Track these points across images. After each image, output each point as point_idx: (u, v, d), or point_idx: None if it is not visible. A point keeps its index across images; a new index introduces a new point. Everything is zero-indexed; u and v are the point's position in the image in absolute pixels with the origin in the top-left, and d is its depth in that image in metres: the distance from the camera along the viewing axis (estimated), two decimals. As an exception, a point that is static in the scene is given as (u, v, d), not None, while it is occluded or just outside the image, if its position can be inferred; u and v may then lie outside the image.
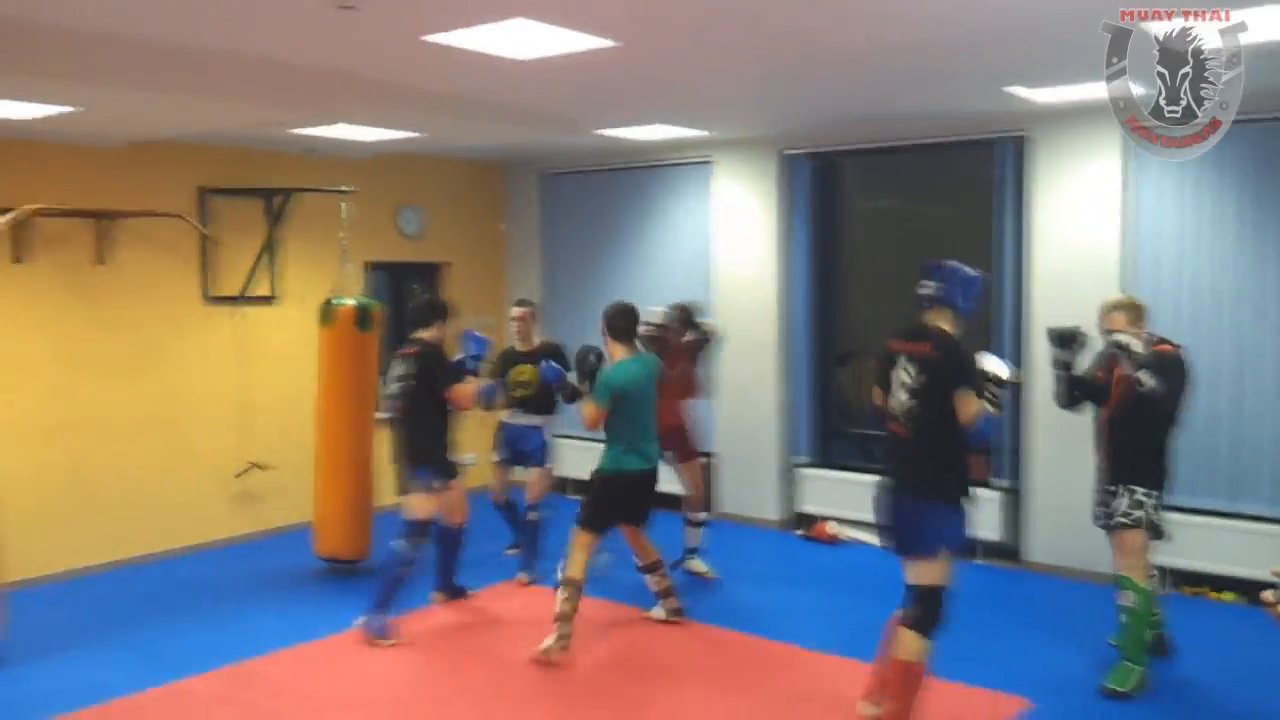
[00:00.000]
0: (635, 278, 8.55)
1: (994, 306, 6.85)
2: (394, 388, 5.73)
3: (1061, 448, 6.41)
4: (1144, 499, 4.74)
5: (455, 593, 6.19)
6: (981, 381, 4.01)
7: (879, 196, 8.19)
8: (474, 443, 7.36)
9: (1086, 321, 5.05)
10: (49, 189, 6.40)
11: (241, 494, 7.54)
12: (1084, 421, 5.28)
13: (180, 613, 6.02)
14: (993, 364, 4.10)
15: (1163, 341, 4.88)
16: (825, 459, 7.78)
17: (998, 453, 6.87)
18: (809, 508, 7.67)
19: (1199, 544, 6.00)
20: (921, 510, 4.11)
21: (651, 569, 5.71)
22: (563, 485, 8.87)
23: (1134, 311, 4.88)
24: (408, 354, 5.74)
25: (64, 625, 5.81)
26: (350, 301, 6.66)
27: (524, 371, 6.54)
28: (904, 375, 4.13)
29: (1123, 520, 4.78)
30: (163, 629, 5.75)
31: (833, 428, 7.94)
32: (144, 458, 7.02)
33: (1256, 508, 6.00)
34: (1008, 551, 6.88)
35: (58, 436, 6.58)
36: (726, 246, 7.99)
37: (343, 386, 6.66)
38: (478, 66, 4.81)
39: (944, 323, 4.17)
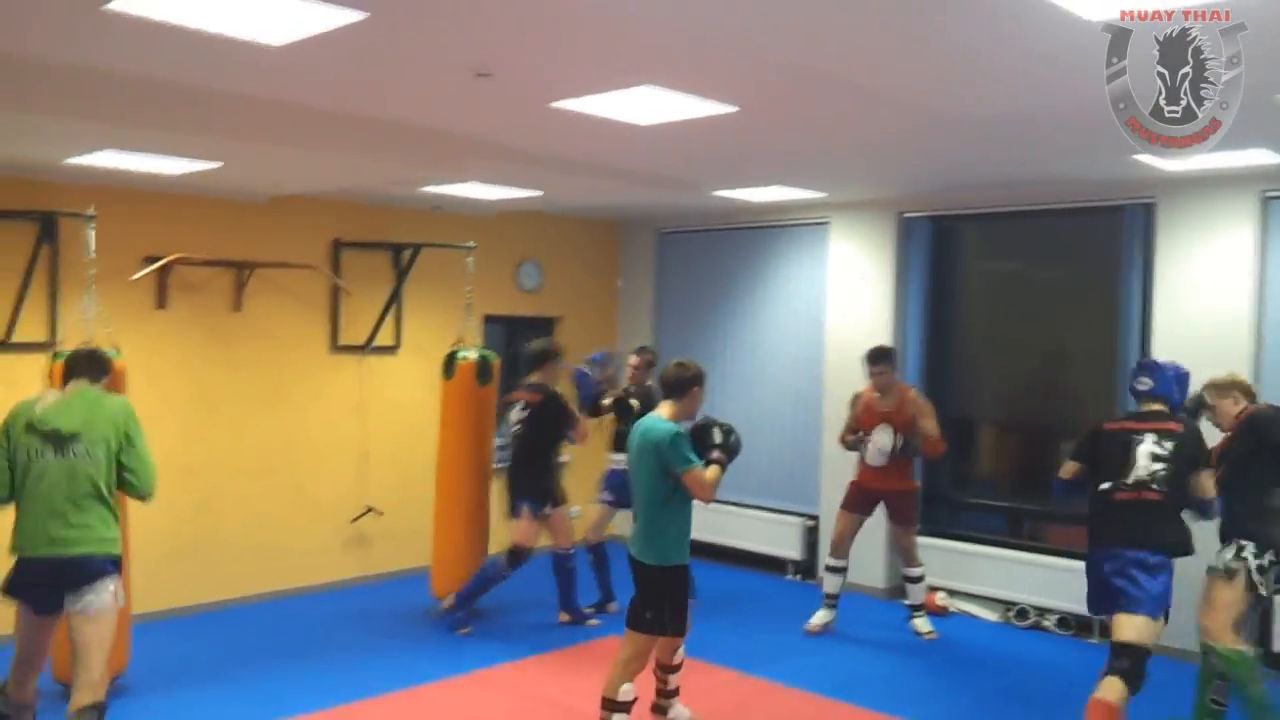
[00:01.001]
0: (747, 336, 8.57)
1: (1119, 376, 6.66)
2: (516, 428, 6.46)
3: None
4: (1250, 556, 4.70)
5: (578, 615, 6.74)
6: None
7: (998, 261, 8.08)
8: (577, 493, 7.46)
9: None
10: (191, 239, 6.76)
11: (355, 538, 7.74)
12: None
13: (292, 653, 6.18)
14: None
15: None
16: (935, 528, 7.62)
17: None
18: (919, 576, 7.50)
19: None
20: (1162, 567, 4.53)
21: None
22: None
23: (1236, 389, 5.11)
24: (530, 400, 6.51)
25: (183, 660, 6.01)
26: (473, 354, 6.89)
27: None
28: (1155, 448, 4.66)
29: (1215, 566, 4.78)
30: (274, 668, 5.91)
31: (943, 496, 7.78)
32: (266, 499, 7.27)
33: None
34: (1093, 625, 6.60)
35: (190, 475, 6.85)
36: (840, 308, 7.96)
37: (463, 435, 6.93)
38: (601, 131, 4.93)
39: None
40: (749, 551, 8.29)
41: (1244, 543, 4.73)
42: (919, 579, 6.65)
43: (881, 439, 6.49)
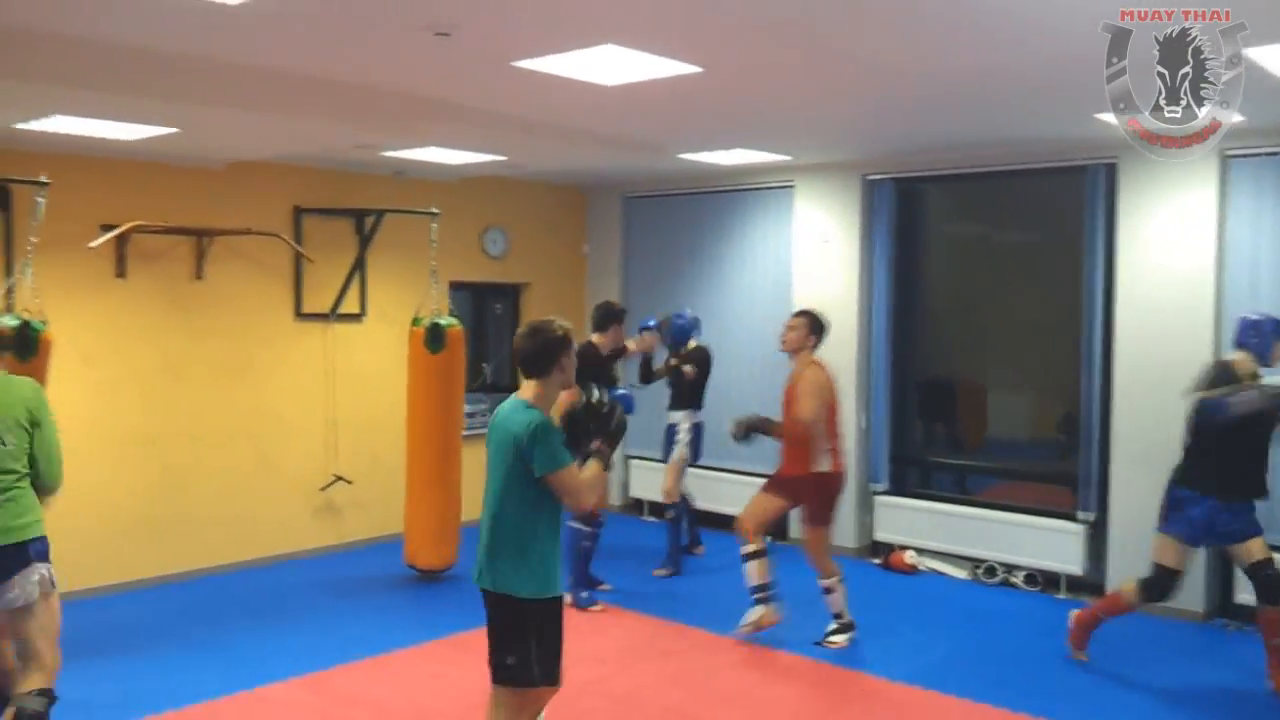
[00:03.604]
0: (714, 301, 8.57)
1: (1083, 336, 6.73)
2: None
3: (1147, 479, 6.24)
4: None
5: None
6: None
7: (963, 222, 8.12)
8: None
9: (1175, 350, 5.11)
10: (150, 207, 6.65)
11: (324, 507, 7.71)
12: (1164, 453, 5.28)
13: (262, 621, 6.16)
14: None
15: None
16: (904, 487, 7.69)
17: (1084, 484, 6.74)
18: (885, 536, 7.59)
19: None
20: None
21: None
22: (639, 506, 8.93)
23: None
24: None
25: (152, 629, 5.99)
26: (452, 322, 6.88)
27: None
28: None
29: None
30: (245, 636, 5.89)
31: (910, 455, 7.85)
32: (233, 468, 7.22)
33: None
34: (1091, 586, 6.72)
35: (154, 445, 6.80)
36: (807, 271, 7.97)
37: (446, 403, 6.94)
38: (564, 92, 4.89)
39: (1237, 356, 5.07)
40: (721, 514, 8.33)
41: None
42: (829, 590, 5.76)
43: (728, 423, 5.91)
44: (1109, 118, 5.58)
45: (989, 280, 7.84)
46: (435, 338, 6.76)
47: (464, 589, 6.65)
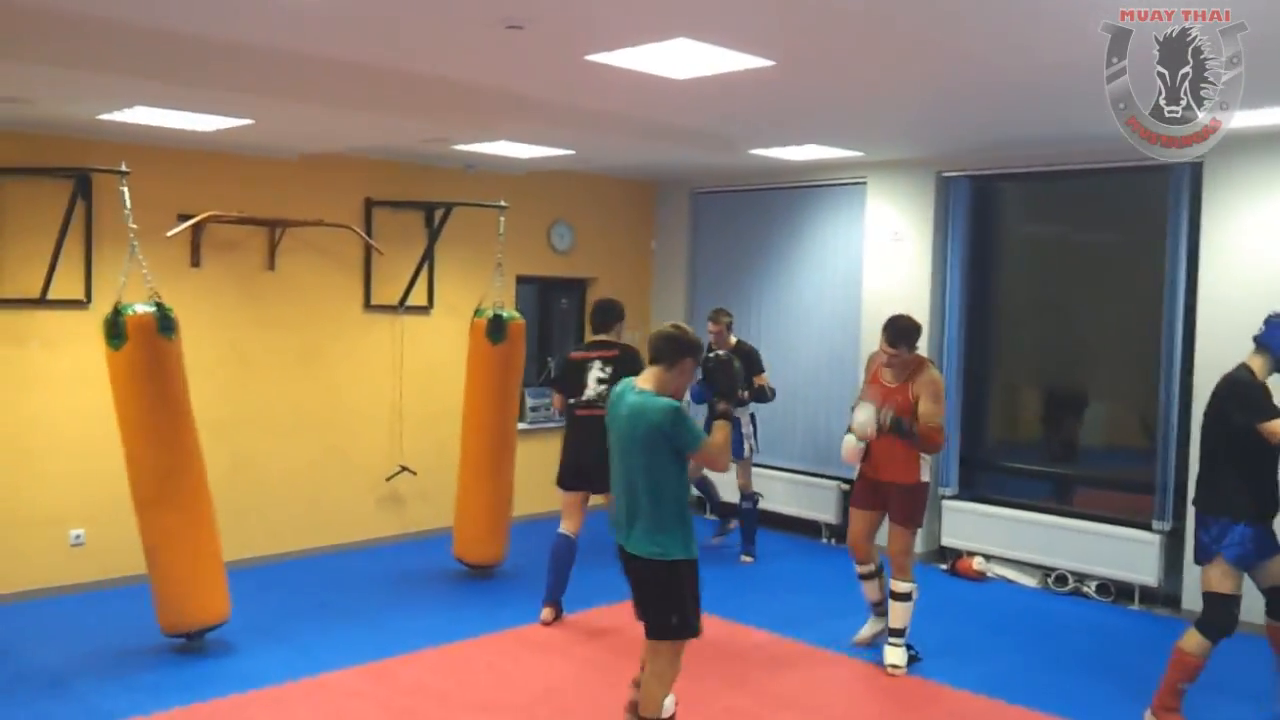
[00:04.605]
0: (783, 299, 8.48)
1: (1162, 339, 6.53)
2: (599, 389, 5.89)
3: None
4: None
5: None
6: None
7: (1040, 222, 7.92)
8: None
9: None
10: (225, 198, 6.75)
11: (389, 496, 7.77)
12: None
13: (327, 609, 6.23)
14: None
15: None
16: (974, 492, 7.54)
17: (1161, 493, 6.54)
18: (953, 541, 7.44)
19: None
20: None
21: None
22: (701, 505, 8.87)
23: None
24: (608, 356, 6.02)
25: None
26: (514, 315, 6.85)
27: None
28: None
29: None
30: (310, 624, 5.96)
31: (981, 460, 7.69)
32: (300, 456, 7.31)
33: None
34: (1166, 598, 6.54)
35: (223, 432, 6.88)
36: (878, 269, 7.85)
37: (503, 395, 6.87)
38: (636, 86, 4.85)
39: (1255, 364, 4.66)
40: (784, 515, 8.26)
41: None
42: (906, 597, 5.43)
43: (861, 416, 5.32)
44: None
45: (1067, 282, 7.64)
46: (497, 329, 6.70)
47: (520, 584, 6.69)
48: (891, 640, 5.41)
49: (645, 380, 4.03)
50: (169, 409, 5.31)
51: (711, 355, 4.18)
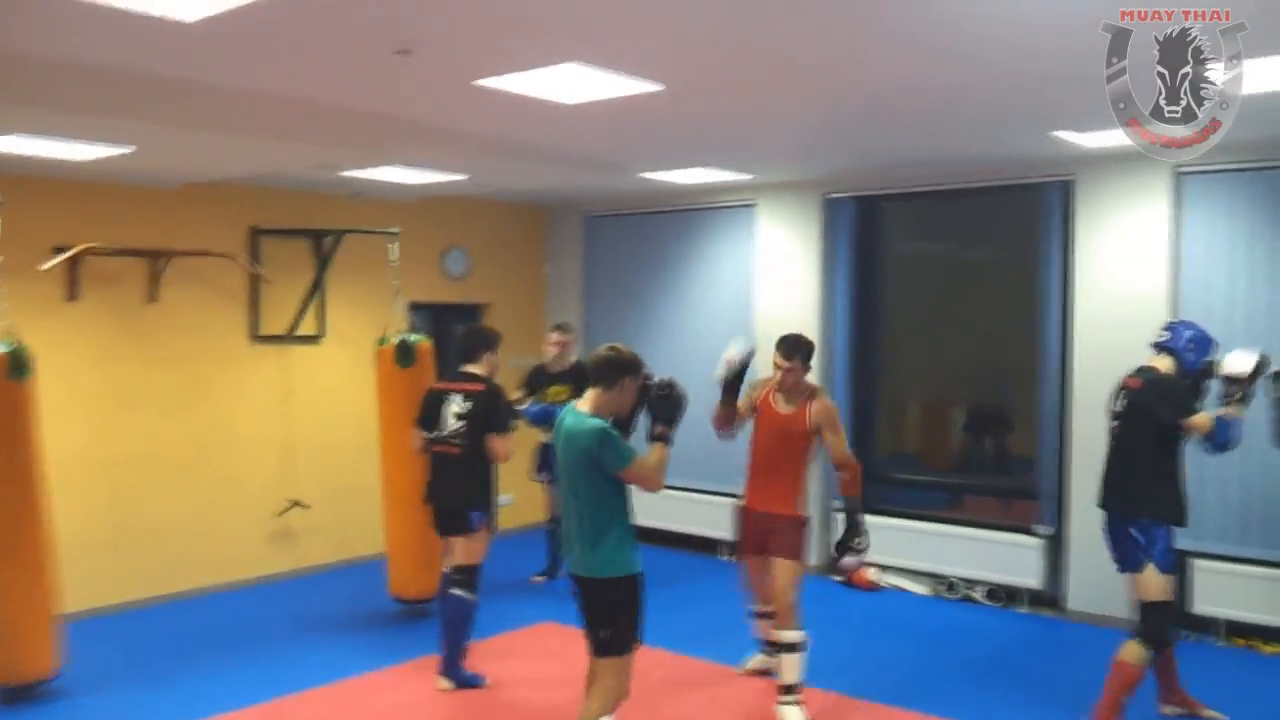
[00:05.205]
0: (676, 320, 8.57)
1: (1039, 352, 6.79)
2: (456, 425, 5.47)
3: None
4: None
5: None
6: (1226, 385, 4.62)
7: (923, 240, 8.19)
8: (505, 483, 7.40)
9: (1130, 366, 4.99)
10: (102, 228, 6.54)
11: (281, 532, 7.59)
12: None
13: (217, 650, 6.03)
14: (1234, 363, 4.63)
15: None
16: (865, 504, 7.67)
17: (1043, 499, 6.79)
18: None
19: (1254, 595, 5.87)
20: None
21: None
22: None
23: None
24: (471, 390, 5.50)
25: (107, 659, 5.85)
26: (421, 337, 6.67)
27: (562, 391, 6.75)
28: (1115, 405, 4.86)
29: None
30: (201, 665, 5.77)
31: (871, 473, 7.85)
32: (186, 494, 7.09)
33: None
34: (1050, 600, 6.77)
35: (105, 471, 6.66)
36: (768, 289, 8.00)
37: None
38: (526, 111, 4.87)
39: (1162, 366, 4.79)
40: (681, 533, 8.31)
41: None
42: (794, 648, 4.99)
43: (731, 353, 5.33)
44: (1067, 135, 5.70)
45: (949, 298, 7.91)
46: (406, 353, 6.55)
47: (424, 614, 6.57)
48: (784, 700, 4.98)
49: (584, 402, 4.04)
50: (14, 458, 5.08)
51: (655, 384, 4.11)
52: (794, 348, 5.25)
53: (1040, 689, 5.44)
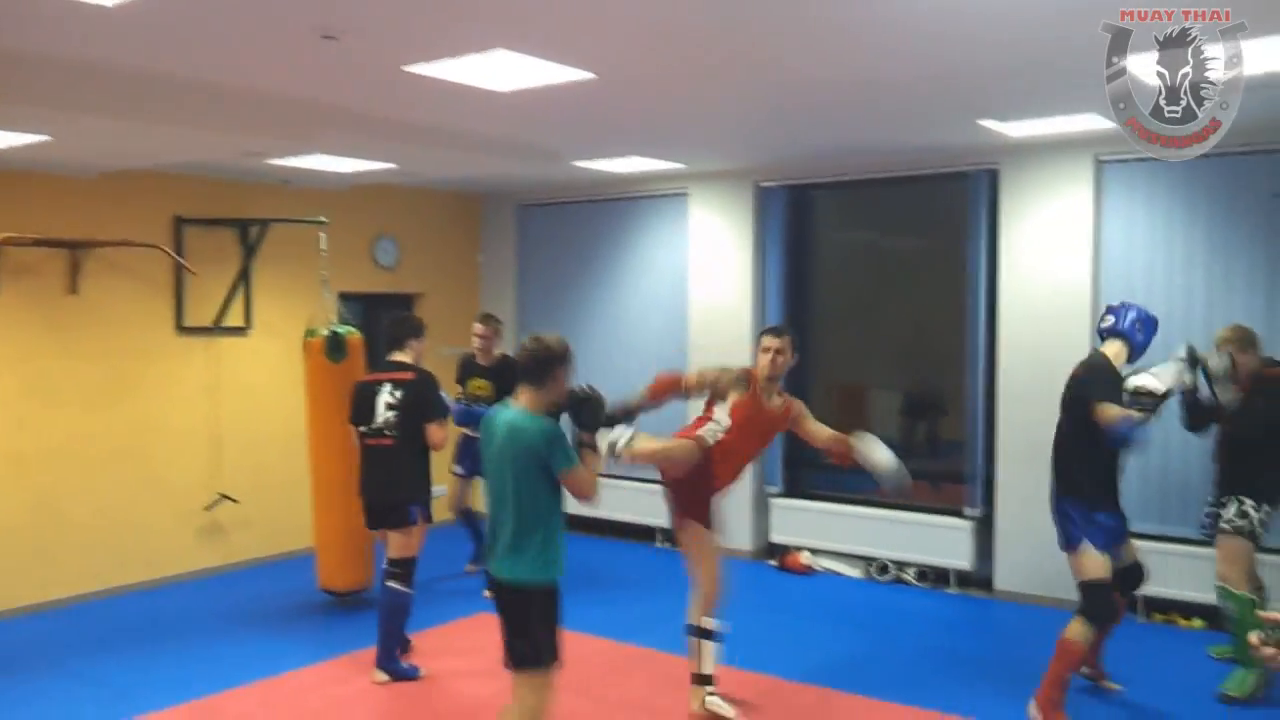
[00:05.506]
0: (611, 308, 8.58)
1: (967, 338, 6.92)
2: (387, 415, 5.43)
3: (1030, 476, 6.45)
4: (1251, 510, 5.01)
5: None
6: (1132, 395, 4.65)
7: (853, 229, 8.28)
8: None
9: (1054, 351, 5.11)
10: (19, 219, 6.35)
11: (209, 527, 7.45)
12: (1047, 451, 5.15)
13: (145, 647, 5.91)
14: (1142, 380, 4.68)
15: (1275, 365, 5.21)
16: (798, 489, 7.79)
17: (971, 482, 6.92)
18: (781, 537, 7.67)
19: (1171, 571, 6.04)
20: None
21: None
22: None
23: (1241, 339, 5.21)
24: (401, 379, 5.45)
25: (29, 659, 5.71)
26: (351, 329, 6.56)
27: (483, 386, 6.67)
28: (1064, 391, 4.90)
29: (1225, 528, 5.06)
30: (128, 663, 5.65)
31: (803, 457, 7.95)
32: (113, 489, 6.93)
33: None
34: (979, 580, 6.91)
35: (25, 467, 6.49)
36: (702, 277, 8.04)
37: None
38: (457, 98, 4.83)
39: (1111, 351, 4.84)
40: (618, 521, 8.33)
41: (1243, 499, 5.02)
42: (710, 634, 4.86)
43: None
44: (992, 124, 5.80)
45: (879, 285, 8.01)
46: (336, 346, 6.43)
47: (362, 606, 6.51)
48: (709, 691, 4.89)
49: (520, 399, 3.84)
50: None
51: (578, 389, 3.94)
52: (782, 329, 5.18)
53: (974, 667, 5.56)
